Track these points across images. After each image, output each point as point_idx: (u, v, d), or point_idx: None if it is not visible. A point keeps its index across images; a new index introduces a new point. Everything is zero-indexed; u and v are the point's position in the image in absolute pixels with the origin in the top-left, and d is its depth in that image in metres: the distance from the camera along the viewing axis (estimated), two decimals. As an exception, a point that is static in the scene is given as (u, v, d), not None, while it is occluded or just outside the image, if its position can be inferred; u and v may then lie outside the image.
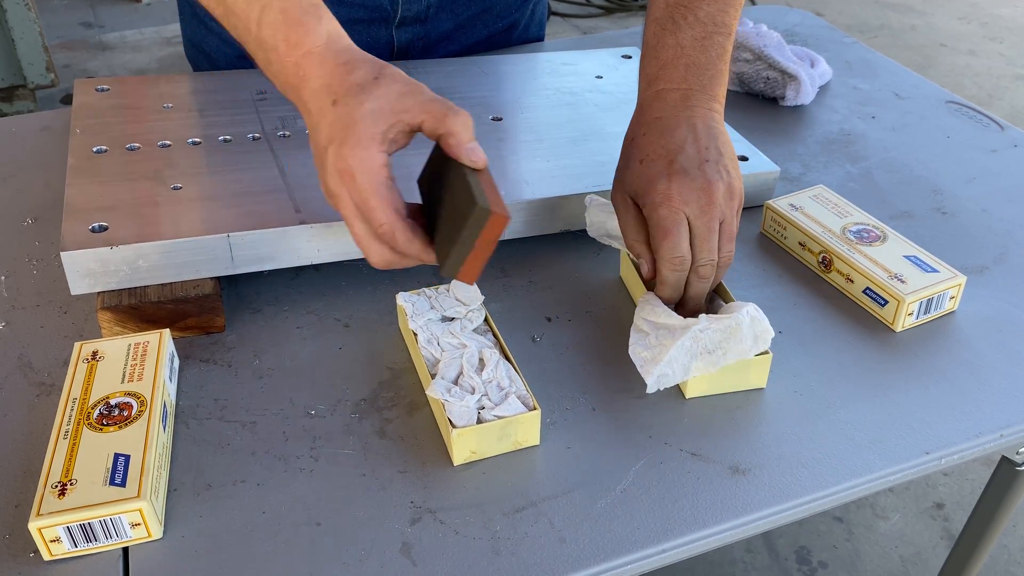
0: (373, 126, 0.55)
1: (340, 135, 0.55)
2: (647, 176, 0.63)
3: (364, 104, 0.55)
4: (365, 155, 0.55)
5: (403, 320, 0.67)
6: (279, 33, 0.58)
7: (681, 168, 0.63)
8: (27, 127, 0.94)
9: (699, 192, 0.62)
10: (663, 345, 0.60)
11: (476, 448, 0.58)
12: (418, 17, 0.96)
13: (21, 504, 0.55)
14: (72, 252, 0.63)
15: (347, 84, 0.57)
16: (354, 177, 0.55)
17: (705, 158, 0.63)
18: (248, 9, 0.59)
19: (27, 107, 2.57)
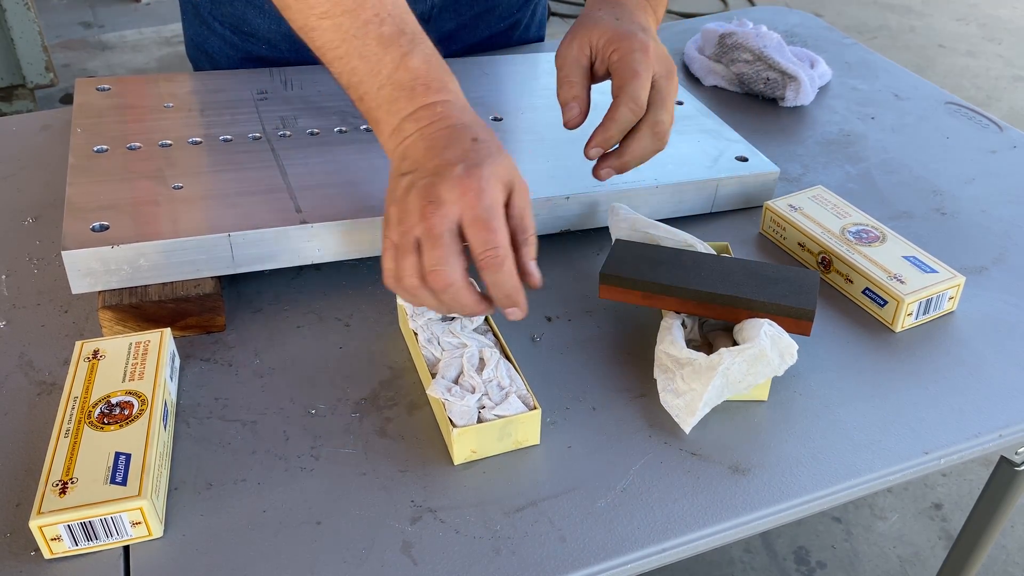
0: (506, 172, 0.58)
1: (477, 160, 0.56)
2: (624, 29, 0.69)
3: (505, 156, 0.59)
4: (495, 184, 0.56)
5: (403, 319, 0.67)
6: (419, 79, 0.61)
7: (653, 38, 0.70)
8: (28, 126, 0.94)
9: (667, 61, 0.69)
10: (693, 391, 0.59)
11: (476, 447, 0.58)
12: (421, 17, 0.96)
13: (22, 503, 0.55)
14: (73, 251, 0.63)
15: (490, 135, 0.60)
16: (480, 196, 0.55)
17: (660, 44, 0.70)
18: (383, 52, 0.61)
19: (26, 107, 2.57)
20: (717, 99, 1.03)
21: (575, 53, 0.70)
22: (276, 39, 0.95)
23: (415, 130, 0.60)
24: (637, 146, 0.69)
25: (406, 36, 0.62)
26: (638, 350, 0.68)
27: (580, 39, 0.70)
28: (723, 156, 0.84)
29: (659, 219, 0.79)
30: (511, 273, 0.57)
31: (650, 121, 0.68)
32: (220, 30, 0.97)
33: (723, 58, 1.04)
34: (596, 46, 0.70)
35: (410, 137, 0.60)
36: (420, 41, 0.62)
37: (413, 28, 0.63)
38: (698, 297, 0.64)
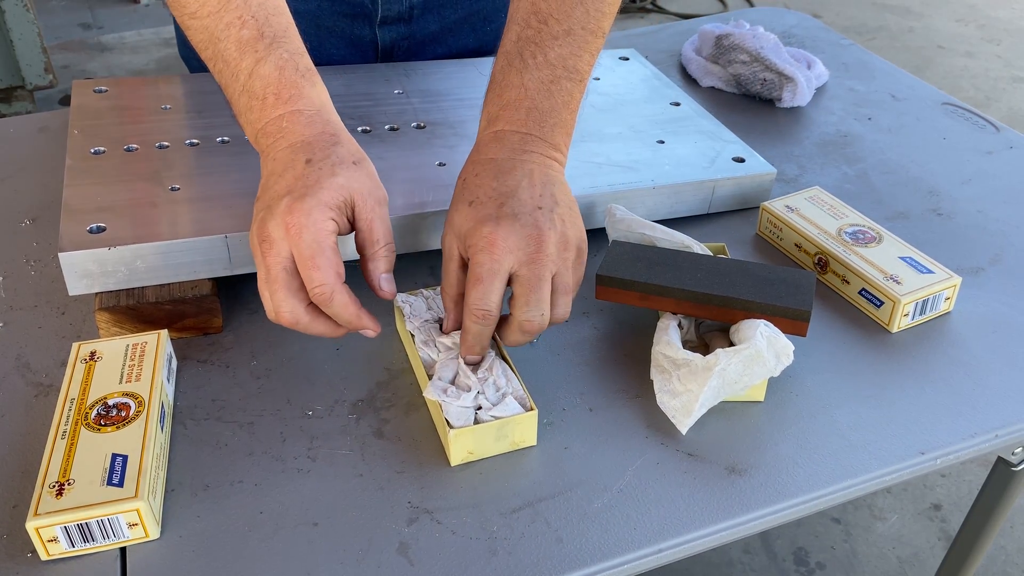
0: (335, 197, 0.56)
1: (301, 191, 0.56)
2: (475, 218, 0.59)
3: (336, 176, 0.57)
4: (319, 218, 0.55)
5: (400, 321, 0.67)
6: (270, 87, 0.60)
7: (511, 213, 0.58)
8: (25, 128, 0.94)
9: (527, 240, 0.57)
10: (690, 391, 0.60)
11: (473, 448, 0.58)
12: (401, 16, 0.95)
13: (19, 504, 0.55)
14: (70, 253, 0.63)
15: (327, 151, 0.58)
16: (301, 234, 0.55)
17: (539, 205, 0.59)
18: (239, 59, 0.60)
19: (25, 108, 2.56)
20: (714, 100, 1.03)
21: (447, 248, 0.61)
22: None
23: (264, 148, 0.60)
24: (509, 340, 0.61)
25: (264, 40, 0.60)
26: (635, 351, 0.68)
27: (448, 235, 0.61)
28: (720, 157, 0.84)
29: (656, 220, 0.80)
30: (344, 304, 0.56)
31: (516, 323, 0.59)
32: None
33: (720, 59, 1.04)
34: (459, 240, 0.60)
35: (262, 156, 0.61)
36: (280, 45, 0.60)
37: (276, 31, 0.61)
38: (695, 298, 0.64)
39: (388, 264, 0.60)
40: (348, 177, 0.57)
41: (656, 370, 0.63)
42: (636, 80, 0.98)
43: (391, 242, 0.60)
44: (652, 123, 0.89)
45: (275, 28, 0.61)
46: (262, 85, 0.60)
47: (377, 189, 0.59)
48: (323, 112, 0.61)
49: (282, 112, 0.60)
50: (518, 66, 0.65)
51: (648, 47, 1.14)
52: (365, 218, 0.58)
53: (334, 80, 0.90)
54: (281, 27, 0.62)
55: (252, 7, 0.61)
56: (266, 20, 0.61)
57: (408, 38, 0.98)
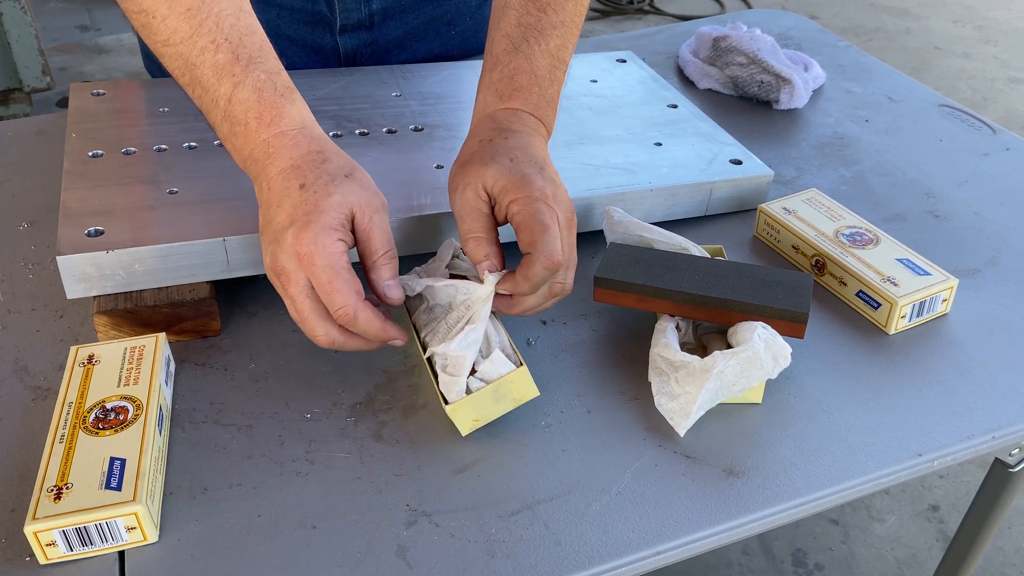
0: (336, 217, 0.56)
1: (303, 219, 0.56)
2: (521, 173, 0.61)
3: (332, 195, 0.57)
4: (327, 242, 0.56)
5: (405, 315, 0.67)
6: (251, 111, 0.59)
7: (551, 179, 0.62)
8: (23, 131, 0.94)
9: (566, 206, 0.61)
10: (688, 393, 0.60)
11: (478, 416, 0.58)
12: (362, 24, 0.95)
13: (17, 508, 0.55)
14: (68, 256, 0.63)
15: (318, 171, 0.58)
16: (314, 261, 0.55)
17: (557, 182, 0.63)
18: (217, 84, 0.60)
19: (23, 110, 2.56)
20: (711, 102, 1.03)
21: (471, 201, 0.62)
22: None
23: (255, 175, 0.60)
24: (531, 302, 0.62)
25: (240, 63, 0.59)
26: (633, 353, 0.68)
27: (474, 185, 0.61)
28: (717, 159, 0.84)
29: (653, 222, 0.80)
30: (368, 321, 0.57)
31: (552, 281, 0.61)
32: None
33: (717, 61, 1.04)
34: (492, 192, 0.61)
35: (253, 181, 0.61)
36: (256, 65, 0.60)
37: (251, 51, 0.60)
38: (692, 300, 0.64)
39: (391, 271, 0.60)
40: (344, 193, 0.57)
41: (654, 372, 0.63)
42: (633, 82, 0.98)
43: (391, 249, 0.59)
44: (649, 125, 0.89)
45: (250, 49, 0.60)
46: (243, 110, 0.59)
47: (373, 197, 0.59)
48: (306, 129, 0.60)
49: (266, 136, 0.59)
50: (525, 51, 0.67)
51: (645, 49, 1.14)
52: (363, 229, 0.58)
53: (331, 83, 0.90)
54: (256, 47, 0.61)
55: (224, 29, 0.60)
56: (240, 41, 0.60)
57: (371, 44, 0.98)
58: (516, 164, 0.62)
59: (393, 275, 0.60)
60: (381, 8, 0.95)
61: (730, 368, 0.59)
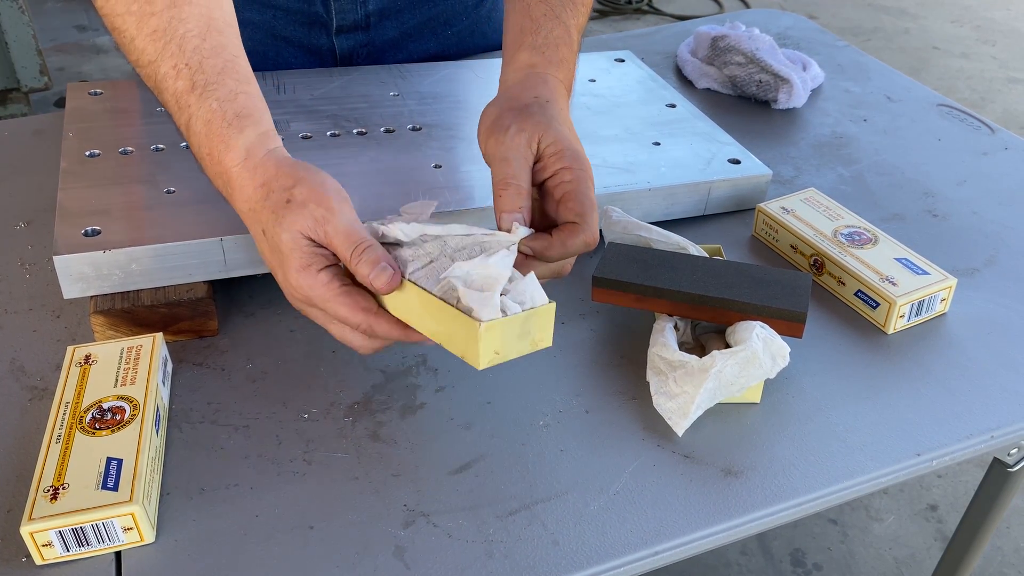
0: (299, 255, 0.56)
1: (282, 265, 0.56)
2: (577, 146, 0.62)
3: (282, 234, 0.55)
4: (309, 282, 0.55)
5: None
6: (204, 146, 0.58)
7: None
8: (20, 131, 0.94)
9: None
10: (686, 393, 0.60)
11: (500, 348, 0.53)
12: (358, 24, 0.95)
13: (13, 509, 0.55)
14: (65, 256, 0.63)
15: (264, 212, 0.56)
16: (312, 301, 0.56)
17: None
18: (179, 114, 0.59)
19: (21, 110, 2.56)
20: (710, 102, 1.03)
21: (523, 149, 0.60)
22: None
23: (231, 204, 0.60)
24: (543, 270, 0.61)
25: (195, 92, 0.58)
26: (631, 353, 0.68)
27: (530, 134, 0.60)
28: (715, 159, 0.84)
29: (652, 222, 0.79)
30: (387, 331, 0.56)
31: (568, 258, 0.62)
32: None
33: (716, 61, 1.04)
34: (544, 151, 0.61)
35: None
36: (210, 94, 0.58)
37: (208, 77, 0.58)
38: (691, 300, 0.64)
39: (367, 265, 0.56)
40: (288, 226, 0.55)
41: (652, 372, 0.63)
42: (632, 82, 0.98)
43: (359, 243, 0.56)
44: (648, 125, 0.89)
45: (207, 74, 0.58)
46: (197, 143, 0.59)
47: (315, 210, 0.55)
48: (249, 160, 0.58)
49: (219, 170, 0.58)
50: (564, 21, 0.68)
51: (644, 49, 1.14)
52: (324, 244, 0.56)
53: (328, 83, 0.90)
54: (215, 70, 0.58)
55: (187, 53, 0.58)
56: (199, 66, 0.58)
57: (367, 45, 0.97)
58: (573, 137, 0.62)
59: (371, 268, 0.56)
60: (377, 9, 0.95)
61: (728, 368, 0.59)
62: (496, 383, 0.65)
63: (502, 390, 0.64)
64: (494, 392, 0.64)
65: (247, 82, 0.60)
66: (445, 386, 0.65)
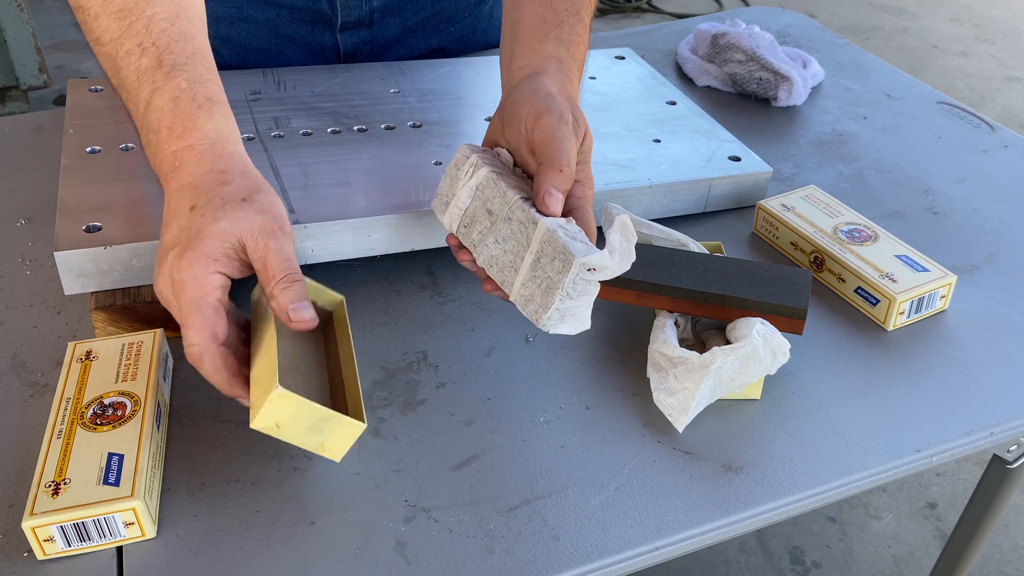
0: (218, 246, 0.53)
1: (184, 243, 0.53)
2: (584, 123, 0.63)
3: (219, 221, 0.53)
4: (200, 272, 0.52)
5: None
6: (164, 120, 0.56)
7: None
8: (20, 128, 0.94)
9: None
10: (686, 389, 0.60)
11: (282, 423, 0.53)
12: (362, 21, 0.95)
13: (15, 504, 0.55)
14: (65, 252, 0.63)
15: (212, 193, 0.54)
16: (183, 291, 0.53)
17: None
18: (138, 88, 0.57)
19: (20, 108, 2.56)
20: (710, 99, 1.03)
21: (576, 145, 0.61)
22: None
23: (163, 186, 0.57)
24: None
25: (162, 69, 0.56)
26: (631, 349, 0.68)
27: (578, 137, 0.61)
28: (716, 156, 0.84)
29: (652, 219, 0.80)
30: (214, 369, 0.53)
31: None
32: None
33: (716, 58, 1.04)
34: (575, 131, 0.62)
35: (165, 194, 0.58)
36: (179, 73, 0.57)
37: (177, 58, 0.57)
38: (691, 296, 0.64)
39: (293, 295, 0.54)
40: (232, 220, 0.53)
41: (653, 368, 0.63)
42: (632, 79, 0.98)
43: (291, 272, 0.54)
44: (648, 122, 0.89)
45: (176, 56, 0.57)
46: (157, 117, 0.57)
47: (269, 221, 0.54)
48: (218, 145, 0.56)
49: (176, 148, 0.56)
50: (583, 19, 0.69)
51: (644, 46, 1.14)
52: (257, 257, 0.54)
53: (329, 80, 0.90)
54: (185, 54, 0.58)
55: (154, 34, 0.57)
56: (167, 47, 0.57)
57: (370, 42, 0.97)
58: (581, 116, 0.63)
59: (298, 298, 0.54)
60: (381, 5, 0.95)
61: (728, 364, 0.59)
62: (497, 380, 0.65)
63: (503, 386, 0.65)
64: (495, 388, 0.64)
65: (214, 71, 0.59)
66: (446, 382, 0.65)
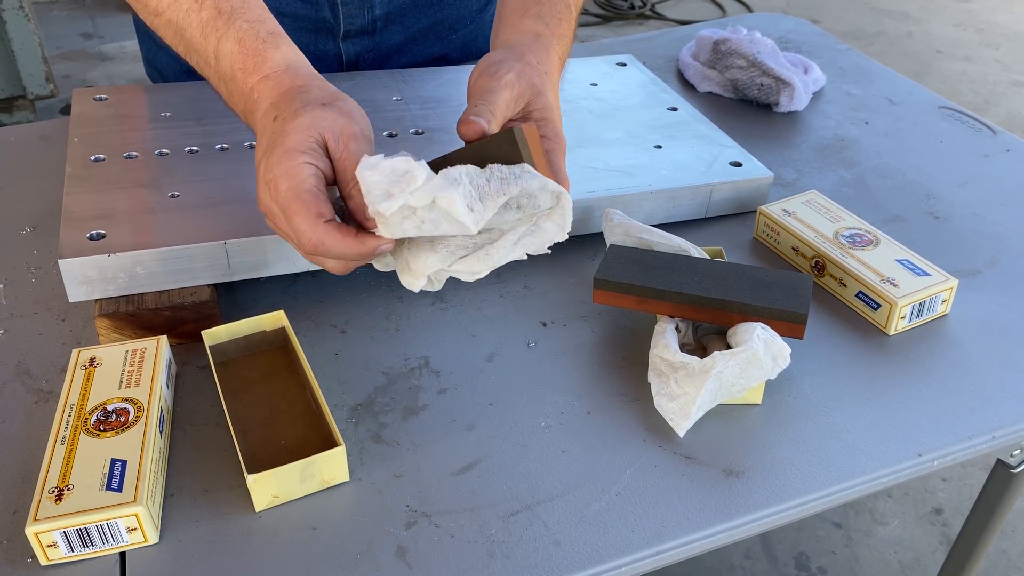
0: (303, 139, 0.54)
1: (269, 146, 0.54)
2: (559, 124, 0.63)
3: (301, 117, 0.54)
4: (289, 165, 0.53)
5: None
6: (236, 63, 0.58)
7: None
8: (26, 136, 0.95)
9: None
10: (687, 394, 0.60)
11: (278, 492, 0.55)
12: (364, 30, 0.95)
13: (19, 510, 0.55)
14: (70, 260, 0.63)
15: (295, 102, 0.56)
16: (278, 187, 0.53)
17: None
18: (204, 43, 0.59)
19: (27, 117, 2.57)
20: (711, 105, 1.03)
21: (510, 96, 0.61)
22: None
23: (253, 125, 0.59)
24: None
25: (223, 18, 0.58)
26: (632, 354, 0.68)
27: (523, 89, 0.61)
28: (717, 161, 0.84)
29: (653, 224, 0.80)
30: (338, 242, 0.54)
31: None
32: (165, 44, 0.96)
33: (717, 64, 1.05)
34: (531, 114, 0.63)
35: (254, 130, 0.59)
36: (238, 16, 0.59)
37: (232, 5, 0.59)
38: (692, 301, 0.65)
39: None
40: (313, 117, 0.54)
41: (653, 373, 0.63)
42: (633, 85, 0.99)
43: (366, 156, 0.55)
44: (649, 128, 0.89)
45: (232, 2, 0.59)
46: (229, 64, 0.58)
47: (350, 124, 0.55)
48: (291, 70, 0.58)
49: (252, 84, 0.58)
50: (564, 2, 0.70)
51: (645, 53, 1.14)
52: (337, 157, 0.55)
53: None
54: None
55: None
56: None
57: (373, 50, 0.98)
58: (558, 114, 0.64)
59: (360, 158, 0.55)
60: (384, 13, 0.95)
61: (729, 369, 0.59)
62: (498, 385, 0.65)
63: (504, 392, 0.65)
64: (496, 394, 0.65)
65: (268, 11, 0.61)
66: (448, 388, 0.65)
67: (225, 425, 0.61)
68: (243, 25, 0.59)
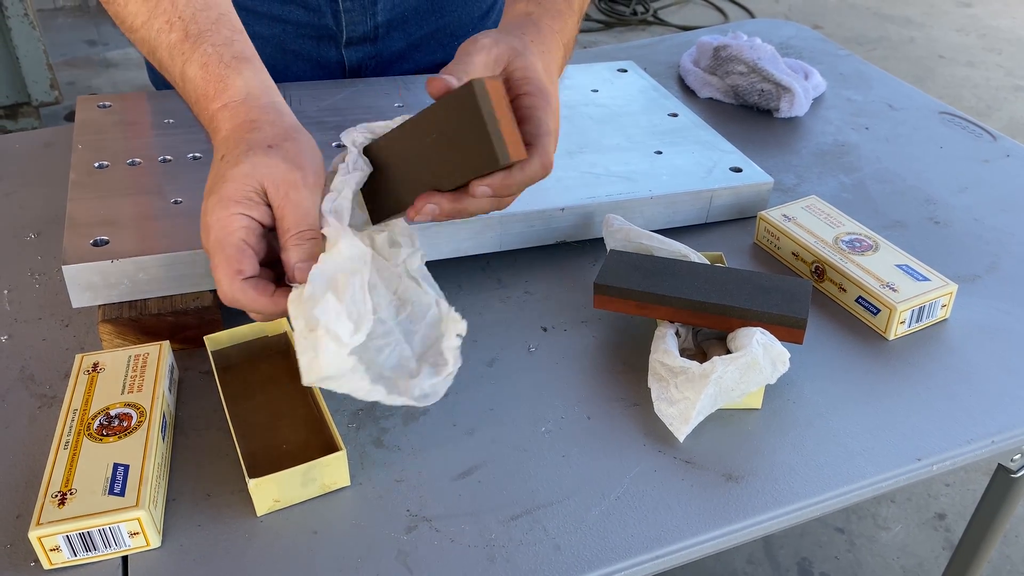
0: (239, 189, 0.53)
1: (210, 187, 0.54)
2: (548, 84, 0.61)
3: (241, 164, 0.54)
4: (222, 215, 0.53)
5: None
6: (199, 88, 0.58)
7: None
8: (30, 143, 0.95)
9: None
10: (687, 399, 0.60)
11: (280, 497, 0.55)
12: (367, 37, 0.96)
13: (22, 514, 0.56)
14: (73, 266, 0.64)
15: (239, 141, 0.55)
16: (209, 234, 0.53)
17: None
18: (172, 65, 0.59)
19: (31, 124, 2.58)
20: (712, 111, 1.03)
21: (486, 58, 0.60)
22: None
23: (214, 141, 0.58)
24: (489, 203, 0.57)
25: (189, 40, 0.58)
26: (632, 359, 0.68)
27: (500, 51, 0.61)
28: (717, 167, 0.85)
29: (654, 230, 0.80)
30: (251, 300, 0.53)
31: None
32: None
33: (718, 70, 1.05)
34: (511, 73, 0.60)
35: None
36: (204, 40, 0.58)
37: (201, 27, 0.59)
38: (692, 306, 0.65)
39: (305, 252, 0.53)
40: (254, 164, 0.53)
41: (653, 378, 0.63)
42: (634, 91, 0.99)
43: (305, 228, 0.54)
44: (650, 134, 0.90)
45: (201, 24, 0.59)
46: (192, 88, 0.59)
47: (292, 171, 0.54)
48: (249, 100, 0.58)
49: (212, 110, 0.58)
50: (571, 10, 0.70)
51: (646, 59, 1.15)
52: (276, 205, 0.54)
53: (334, 94, 0.91)
54: (209, 21, 0.59)
55: (179, 8, 0.59)
56: (192, 18, 0.59)
57: (375, 57, 0.98)
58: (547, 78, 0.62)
59: (309, 256, 0.53)
60: (386, 20, 0.96)
61: (729, 373, 0.60)
62: (498, 390, 0.66)
63: (504, 397, 0.65)
64: (496, 399, 0.65)
65: (241, 32, 0.61)
66: (448, 393, 0.65)
67: (227, 430, 0.62)
68: (208, 49, 0.58)
